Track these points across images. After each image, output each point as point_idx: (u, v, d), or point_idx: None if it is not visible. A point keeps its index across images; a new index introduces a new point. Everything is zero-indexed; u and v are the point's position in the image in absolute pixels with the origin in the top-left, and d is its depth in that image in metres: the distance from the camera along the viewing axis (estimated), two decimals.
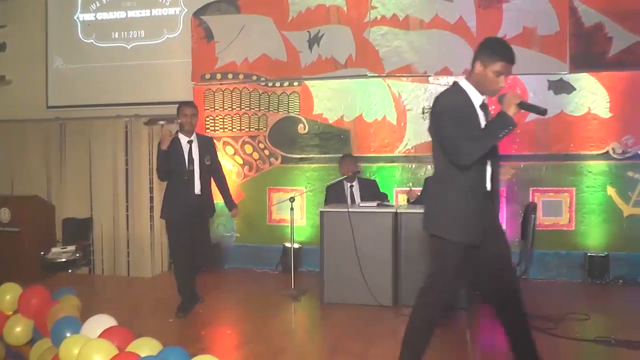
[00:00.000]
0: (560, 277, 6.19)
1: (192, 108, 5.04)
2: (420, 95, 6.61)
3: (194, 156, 4.94)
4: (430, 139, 3.24)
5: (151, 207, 7.43)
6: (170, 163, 4.85)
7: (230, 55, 7.08)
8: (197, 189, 4.93)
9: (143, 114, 7.40)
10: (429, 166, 6.52)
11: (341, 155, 6.30)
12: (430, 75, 6.57)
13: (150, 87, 7.42)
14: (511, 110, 2.95)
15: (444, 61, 6.51)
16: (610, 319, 4.86)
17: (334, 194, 6.01)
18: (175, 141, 4.89)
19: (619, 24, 6.13)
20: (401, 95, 6.66)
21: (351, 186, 6.00)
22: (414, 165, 6.63)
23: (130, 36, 7.63)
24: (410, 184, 6.34)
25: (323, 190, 6.42)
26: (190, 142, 4.96)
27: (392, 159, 6.67)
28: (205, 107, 7.16)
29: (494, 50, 3.06)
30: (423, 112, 6.59)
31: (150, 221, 7.45)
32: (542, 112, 3.02)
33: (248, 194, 7.03)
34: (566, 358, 3.95)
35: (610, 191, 6.16)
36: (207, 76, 7.16)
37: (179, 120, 4.98)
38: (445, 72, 6.52)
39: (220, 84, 7.14)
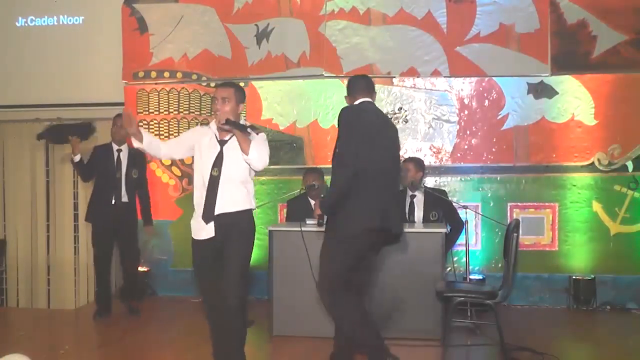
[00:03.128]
0: (542, 303, 5.60)
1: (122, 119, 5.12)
2: (383, 99, 5.92)
3: (122, 165, 5.19)
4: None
5: (75, 227, 6.55)
6: (98, 169, 5.21)
7: (167, 51, 6.22)
8: (124, 197, 5.18)
9: (66, 118, 6.50)
10: None
11: (306, 168, 5.67)
12: (394, 77, 5.90)
13: (75, 86, 6.45)
14: None
15: (410, 61, 5.85)
16: (599, 350, 4.41)
17: (298, 211, 5.20)
18: (107, 148, 5.25)
19: (603, 21, 5.59)
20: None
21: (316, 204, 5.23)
22: None
23: None
24: None
25: (274, 206, 5.85)
26: (119, 150, 5.22)
27: None
28: (138, 110, 6.27)
29: None
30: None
31: (75, 243, 6.57)
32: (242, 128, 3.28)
33: (187, 210, 6.11)
34: None
35: (596, 207, 5.58)
36: (141, 74, 6.27)
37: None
38: (412, 72, 5.84)
39: (156, 84, 6.27)
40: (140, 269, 5.91)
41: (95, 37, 6.45)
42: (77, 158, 5.18)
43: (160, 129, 6.26)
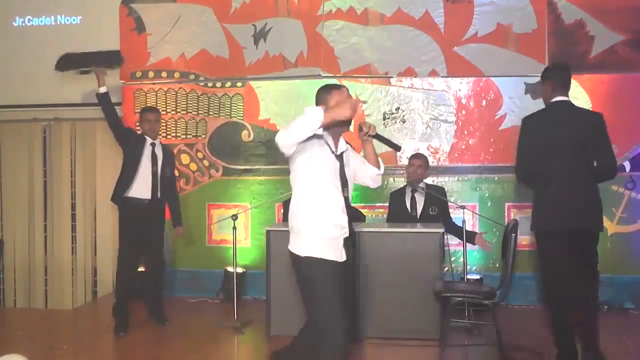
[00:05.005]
0: (540, 302, 5.51)
1: (154, 113, 5.00)
2: (381, 99, 5.91)
3: (158, 160, 4.82)
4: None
5: (73, 227, 6.53)
6: (130, 153, 4.76)
7: (165, 51, 6.19)
8: (158, 193, 4.80)
9: (64, 117, 6.52)
10: (392, 178, 5.82)
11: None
12: (392, 77, 5.88)
13: (73, 85, 6.40)
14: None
15: (408, 61, 5.82)
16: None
17: None
18: (140, 138, 4.85)
19: (601, 21, 5.58)
20: (359, 99, 5.91)
21: None
22: None
23: None
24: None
25: (271, 206, 5.86)
26: (153, 144, 4.85)
27: None
28: (136, 110, 6.19)
29: None
30: (384, 118, 5.86)
31: (73, 243, 6.56)
32: (396, 147, 3.50)
33: (185, 211, 6.08)
34: None
35: None
36: (138, 74, 6.24)
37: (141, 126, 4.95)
38: (409, 72, 5.82)
39: (153, 84, 6.23)
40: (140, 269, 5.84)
41: (93, 37, 6.35)
42: (103, 89, 4.73)
43: None
